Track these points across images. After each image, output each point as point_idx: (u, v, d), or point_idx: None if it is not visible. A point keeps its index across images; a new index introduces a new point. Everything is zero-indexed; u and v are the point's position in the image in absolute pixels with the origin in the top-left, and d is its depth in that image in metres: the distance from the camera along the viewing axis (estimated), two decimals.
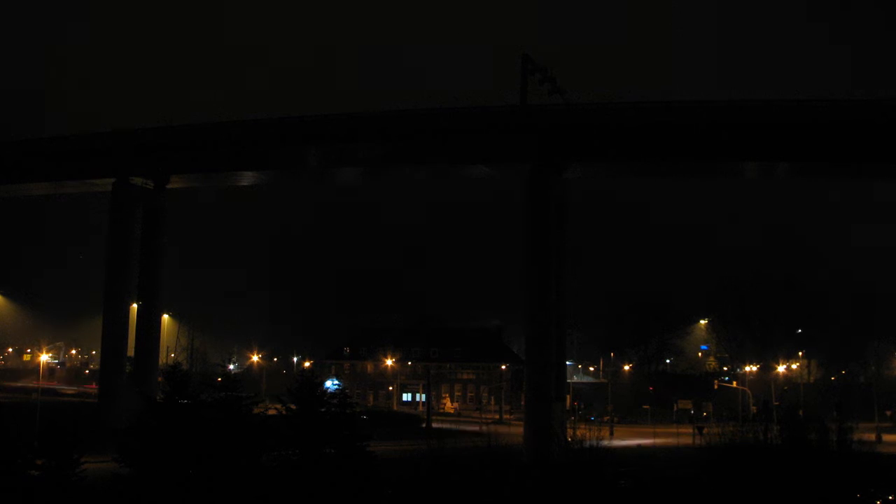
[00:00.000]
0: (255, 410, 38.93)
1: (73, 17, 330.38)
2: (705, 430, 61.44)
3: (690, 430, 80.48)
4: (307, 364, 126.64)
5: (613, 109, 74.91)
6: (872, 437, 63.97)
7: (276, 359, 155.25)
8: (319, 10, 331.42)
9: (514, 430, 78.29)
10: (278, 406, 38.27)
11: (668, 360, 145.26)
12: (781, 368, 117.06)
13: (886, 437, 78.80)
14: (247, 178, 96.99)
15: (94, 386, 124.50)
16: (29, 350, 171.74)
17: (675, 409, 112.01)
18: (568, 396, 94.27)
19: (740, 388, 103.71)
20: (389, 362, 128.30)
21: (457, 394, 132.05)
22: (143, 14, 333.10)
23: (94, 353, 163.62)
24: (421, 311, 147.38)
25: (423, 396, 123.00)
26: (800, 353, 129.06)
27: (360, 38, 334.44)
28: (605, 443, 44.17)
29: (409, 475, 40.23)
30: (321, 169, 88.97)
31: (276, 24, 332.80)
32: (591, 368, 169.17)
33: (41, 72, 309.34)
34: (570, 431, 64.75)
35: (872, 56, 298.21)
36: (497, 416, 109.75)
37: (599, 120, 74.72)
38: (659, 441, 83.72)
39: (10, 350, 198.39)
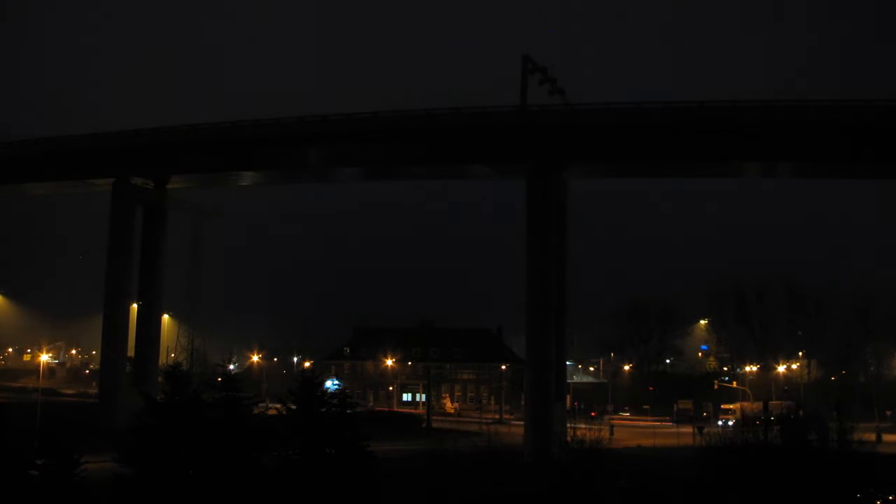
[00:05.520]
0: (256, 410, 38.91)
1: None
2: (705, 430, 61.44)
3: (690, 430, 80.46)
4: (307, 364, 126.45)
5: (613, 109, 74.97)
6: (872, 437, 63.84)
7: (276, 359, 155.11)
8: (319, 10, 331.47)
9: (514, 430, 78.28)
10: (278, 406, 38.25)
11: (668, 360, 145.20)
12: (781, 368, 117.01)
13: (886, 437, 78.69)
14: (247, 178, 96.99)
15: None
16: (29, 350, 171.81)
17: (675, 409, 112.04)
18: (568, 396, 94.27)
19: (740, 388, 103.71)
20: (390, 362, 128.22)
21: (457, 394, 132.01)
22: (145, 13, 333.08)
23: (94, 353, 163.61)
24: (421, 311, 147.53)
25: (424, 396, 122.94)
26: (800, 353, 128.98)
27: (360, 37, 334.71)
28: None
29: (409, 475, 40.26)
30: (321, 169, 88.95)
31: (275, 23, 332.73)
32: (591, 368, 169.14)
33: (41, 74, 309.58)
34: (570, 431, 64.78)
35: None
36: (497, 416, 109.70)
37: (599, 120, 74.72)
38: (659, 441, 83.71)
39: (10, 350, 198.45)
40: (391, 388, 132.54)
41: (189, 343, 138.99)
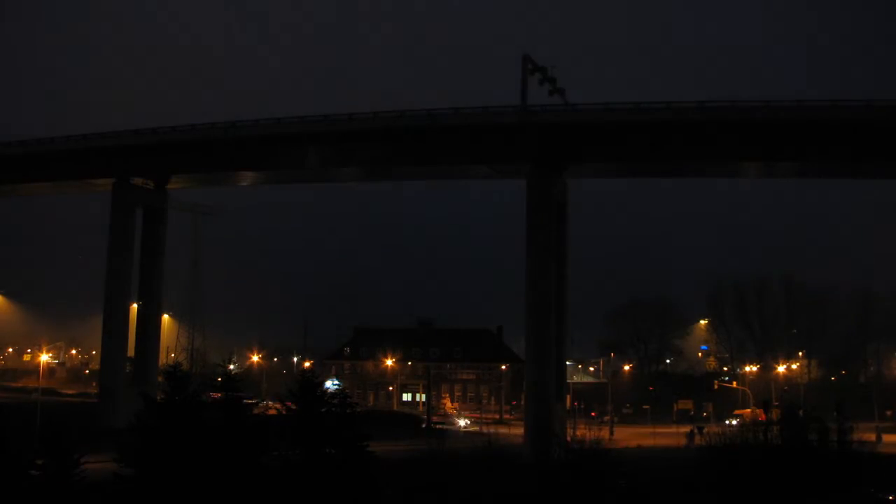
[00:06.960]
0: (256, 411, 38.86)
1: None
2: (705, 430, 61.36)
3: (690, 430, 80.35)
4: (307, 364, 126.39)
5: (613, 109, 74.94)
6: (872, 437, 63.85)
7: (276, 359, 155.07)
8: (319, 10, 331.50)
9: (515, 430, 78.30)
10: (278, 406, 38.22)
11: (668, 360, 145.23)
12: (781, 368, 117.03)
13: (886, 438, 78.68)
14: (247, 178, 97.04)
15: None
16: (29, 350, 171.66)
17: (675, 409, 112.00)
18: (568, 396, 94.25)
19: (740, 388, 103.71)
20: (389, 362, 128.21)
21: (457, 394, 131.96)
22: (145, 13, 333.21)
23: (94, 353, 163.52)
24: (421, 311, 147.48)
25: (424, 396, 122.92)
26: (800, 353, 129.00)
27: (359, 37, 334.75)
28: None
29: (409, 475, 40.24)
30: (321, 169, 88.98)
31: (275, 22, 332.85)
32: (591, 368, 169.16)
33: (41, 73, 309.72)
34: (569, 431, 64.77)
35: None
36: (497, 416, 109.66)
37: (599, 120, 74.70)
38: (659, 441, 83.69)
39: (10, 350, 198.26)
40: (391, 388, 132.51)
41: (189, 343, 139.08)
